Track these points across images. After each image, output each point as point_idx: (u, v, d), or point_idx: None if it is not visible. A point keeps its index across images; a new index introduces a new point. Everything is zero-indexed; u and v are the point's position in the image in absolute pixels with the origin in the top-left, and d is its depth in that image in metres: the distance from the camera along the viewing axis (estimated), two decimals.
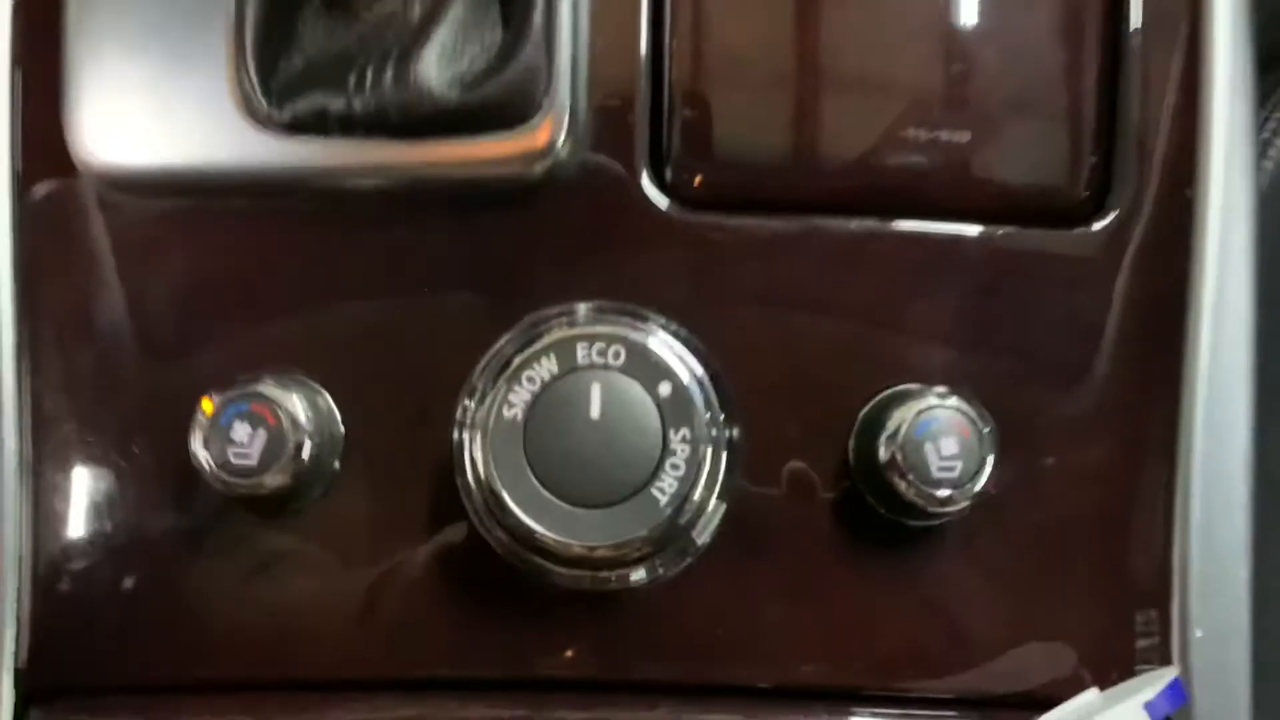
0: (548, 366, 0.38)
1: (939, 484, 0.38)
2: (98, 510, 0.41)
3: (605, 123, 0.41)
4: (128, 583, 0.41)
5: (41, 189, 0.42)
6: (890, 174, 0.41)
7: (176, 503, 0.41)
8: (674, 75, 0.41)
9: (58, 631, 0.41)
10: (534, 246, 0.41)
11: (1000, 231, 0.42)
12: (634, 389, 0.38)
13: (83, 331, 0.42)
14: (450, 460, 0.39)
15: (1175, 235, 0.42)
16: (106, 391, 0.41)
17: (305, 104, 0.39)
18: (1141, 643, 0.41)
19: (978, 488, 0.38)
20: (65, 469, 0.41)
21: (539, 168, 0.40)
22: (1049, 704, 0.39)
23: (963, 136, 0.41)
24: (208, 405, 0.39)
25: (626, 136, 0.41)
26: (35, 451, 0.41)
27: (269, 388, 0.39)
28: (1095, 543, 0.41)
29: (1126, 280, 0.42)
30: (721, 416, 0.39)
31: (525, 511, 0.37)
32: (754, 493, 0.40)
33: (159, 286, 0.42)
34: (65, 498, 0.41)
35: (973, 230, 0.42)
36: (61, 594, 0.41)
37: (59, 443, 0.41)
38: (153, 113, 0.40)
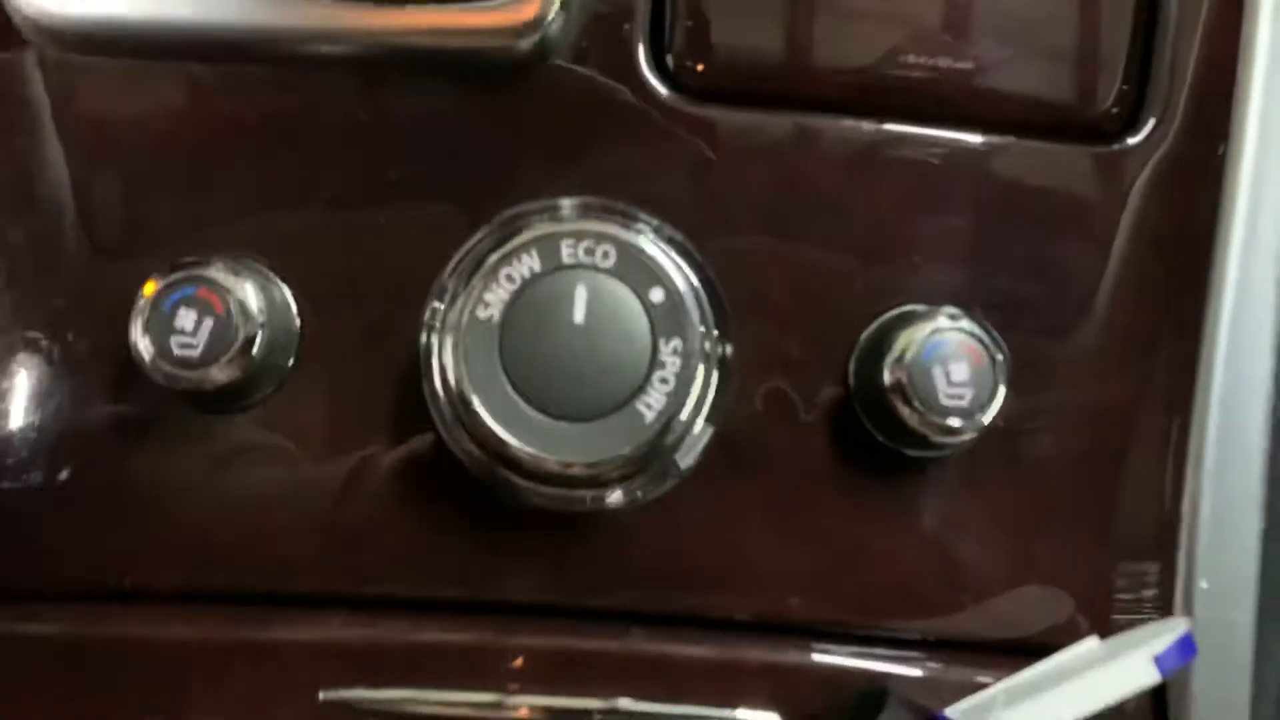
0: (529, 264, 0.34)
1: (947, 412, 0.35)
2: (29, 402, 0.38)
3: (604, 1, 0.37)
4: (60, 481, 0.38)
5: None
6: (905, 73, 0.38)
7: (115, 396, 0.38)
8: None
9: None
10: (517, 132, 0.37)
11: (1022, 144, 0.38)
12: (623, 293, 0.34)
13: (16, 204, 0.38)
14: (416, 365, 0.36)
15: (1207, 159, 0.39)
16: (40, 272, 0.38)
17: None
18: (1144, 592, 0.39)
19: (987, 418, 0.36)
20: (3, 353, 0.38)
21: (526, 43, 0.36)
22: (1044, 651, 0.37)
23: (986, 37, 0.38)
24: (149, 288, 0.35)
25: (626, 15, 0.37)
26: None
27: (218, 272, 0.35)
28: (1102, 484, 0.39)
29: (1152, 205, 0.39)
30: (715, 330, 0.35)
31: (497, 421, 0.34)
32: (743, 413, 0.37)
33: (101, 156, 0.38)
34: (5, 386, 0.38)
35: (994, 140, 0.38)
36: None
37: None
38: None
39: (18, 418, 0.38)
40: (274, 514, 0.37)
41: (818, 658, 0.38)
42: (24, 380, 0.38)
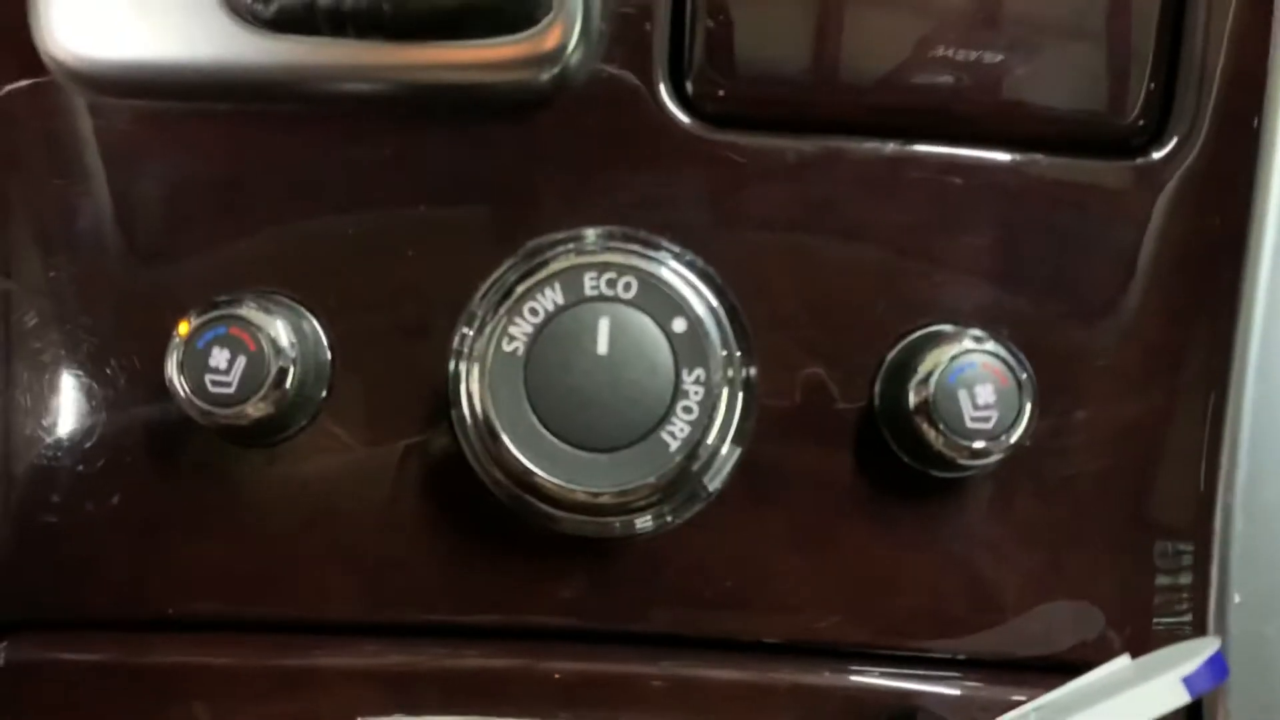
0: (552, 297, 0.35)
1: (973, 435, 0.35)
2: (71, 435, 0.39)
3: (621, 28, 0.37)
4: (102, 512, 0.39)
5: (8, 88, 0.38)
6: (928, 92, 0.38)
7: (154, 429, 0.38)
8: None
9: (29, 561, 0.39)
10: (540, 163, 0.38)
11: (1047, 160, 0.38)
12: (645, 324, 0.35)
13: (54, 245, 0.39)
14: (445, 392, 0.36)
15: (1235, 170, 0.39)
16: (79, 310, 0.39)
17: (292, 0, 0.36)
18: (1177, 607, 0.38)
19: (1014, 439, 0.36)
20: (36, 390, 0.39)
21: (547, 75, 0.37)
22: (1076, 668, 0.37)
23: (1007, 53, 0.38)
24: (183, 328, 0.36)
25: (644, 44, 0.37)
26: (5, 371, 0.39)
27: (250, 310, 0.36)
28: (1132, 500, 0.39)
29: (1180, 218, 0.38)
30: (738, 354, 0.36)
31: (524, 453, 0.35)
32: (770, 436, 0.37)
33: (134, 195, 0.38)
34: (36, 421, 0.39)
35: (1017, 157, 0.38)
36: (33, 523, 0.39)
37: (30, 361, 0.39)
38: (126, 5, 0.37)
39: (60, 451, 0.39)
40: (310, 543, 0.38)
41: (848, 679, 0.38)
42: (66, 414, 0.39)
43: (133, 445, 0.39)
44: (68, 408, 0.39)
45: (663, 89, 0.37)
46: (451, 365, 0.36)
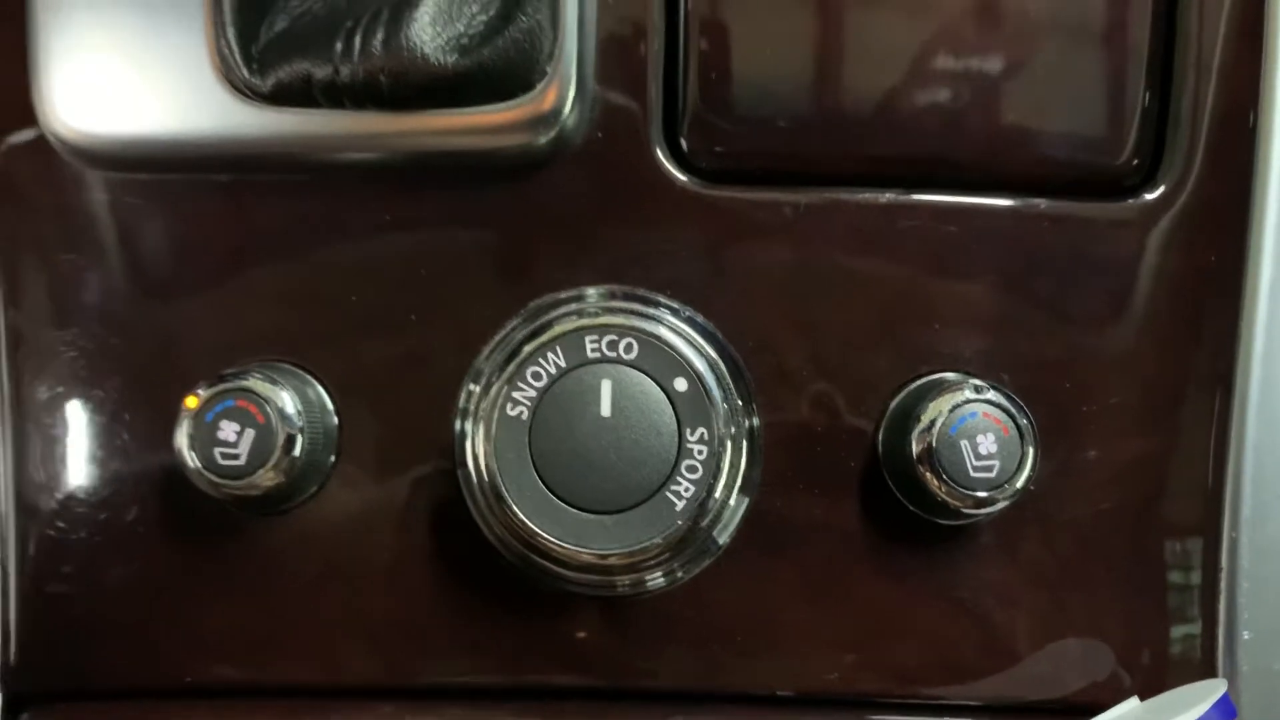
0: (554, 360, 0.35)
1: (976, 485, 0.36)
2: (84, 508, 0.39)
3: (615, 89, 0.38)
4: (116, 584, 0.39)
5: (8, 161, 0.39)
6: (922, 141, 0.38)
7: (165, 499, 0.39)
8: (690, 37, 0.37)
9: (46, 634, 0.39)
10: (539, 224, 0.38)
11: (1042, 204, 0.38)
12: (647, 384, 0.35)
13: (63, 318, 0.39)
14: (452, 454, 0.37)
15: (1230, 206, 0.39)
16: (89, 382, 0.39)
17: (288, 72, 0.36)
18: (1186, 645, 0.39)
19: (1017, 487, 0.36)
20: (48, 462, 0.39)
21: (544, 138, 0.37)
22: (1087, 710, 0.37)
23: (999, 99, 0.38)
24: (191, 402, 0.36)
25: (639, 104, 0.38)
26: (18, 447, 0.39)
27: (256, 381, 0.36)
28: (1138, 538, 0.39)
29: (1176, 256, 0.39)
30: (741, 407, 0.36)
31: (530, 516, 0.35)
32: (776, 488, 0.38)
33: (139, 267, 0.39)
34: (49, 493, 0.39)
35: (1012, 202, 0.38)
36: (49, 596, 0.39)
37: (42, 435, 0.39)
38: (125, 81, 0.37)
39: (72, 522, 0.39)
40: (323, 607, 0.39)
41: None
42: (77, 486, 0.39)
43: (144, 514, 0.39)
44: (79, 479, 0.39)
45: (657, 147, 0.38)
46: (457, 424, 0.37)
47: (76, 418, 0.39)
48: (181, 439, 0.36)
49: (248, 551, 0.39)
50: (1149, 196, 0.39)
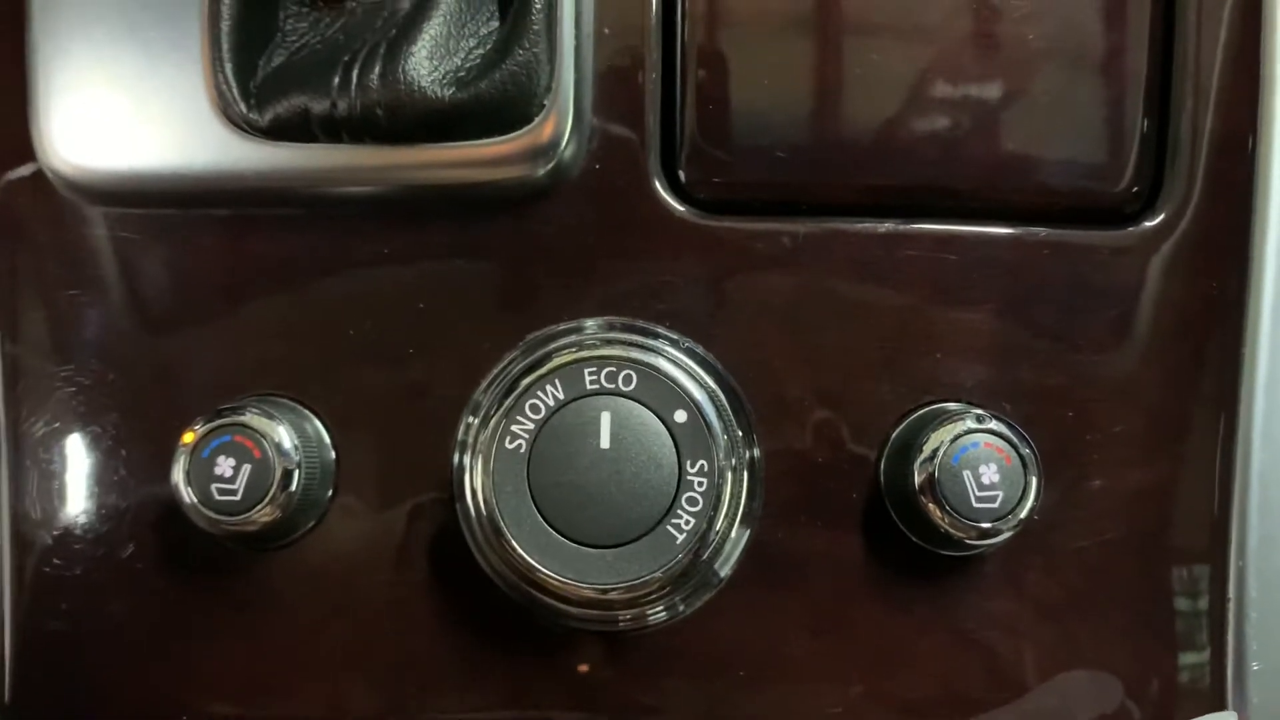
0: (553, 393, 0.35)
1: (979, 515, 0.35)
2: (81, 544, 0.39)
3: (613, 120, 0.38)
4: (113, 621, 0.39)
5: (7, 196, 0.39)
6: (920, 170, 0.38)
7: (163, 535, 0.39)
8: (687, 69, 0.37)
9: (42, 671, 0.39)
10: (537, 256, 0.38)
11: (1042, 232, 0.38)
12: (646, 416, 0.35)
13: (61, 352, 0.39)
14: (450, 488, 0.37)
15: (1230, 232, 0.39)
16: (86, 417, 0.39)
17: (286, 106, 0.36)
18: (1194, 677, 0.38)
19: (1020, 517, 0.35)
20: (45, 498, 0.39)
21: (542, 170, 0.37)
22: None
23: (998, 128, 0.38)
24: (188, 437, 0.36)
25: (636, 135, 0.38)
26: (14, 482, 0.39)
27: (253, 416, 0.36)
28: (1144, 569, 0.38)
29: (1178, 282, 0.39)
30: (741, 436, 0.36)
31: (529, 551, 0.35)
32: (778, 519, 0.37)
33: (137, 301, 0.39)
34: (46, 529, 0.39)
35: (1012, 231, 0.38)
36: (45, 633, 0.39)
37: (40, 470, 0.39)
38: (124, 117, 0.37)
39: (70, 559, 0.39)
40: (322, 643, 0.38)
41: None
42: (74, 522, 0.39)
43: (141, 550, 0.39)
44: (75, 515, 0.39)
45: (656, 179, 0.38)
46: (456, 458, 0.37)
47: (73, 452, 0.39)
48: (178, 475, 0.36)
49: (245, 587, 0.38)
50: (1149, 224, 0.38)
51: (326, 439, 0.38)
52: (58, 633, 0.39)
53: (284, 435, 0.36)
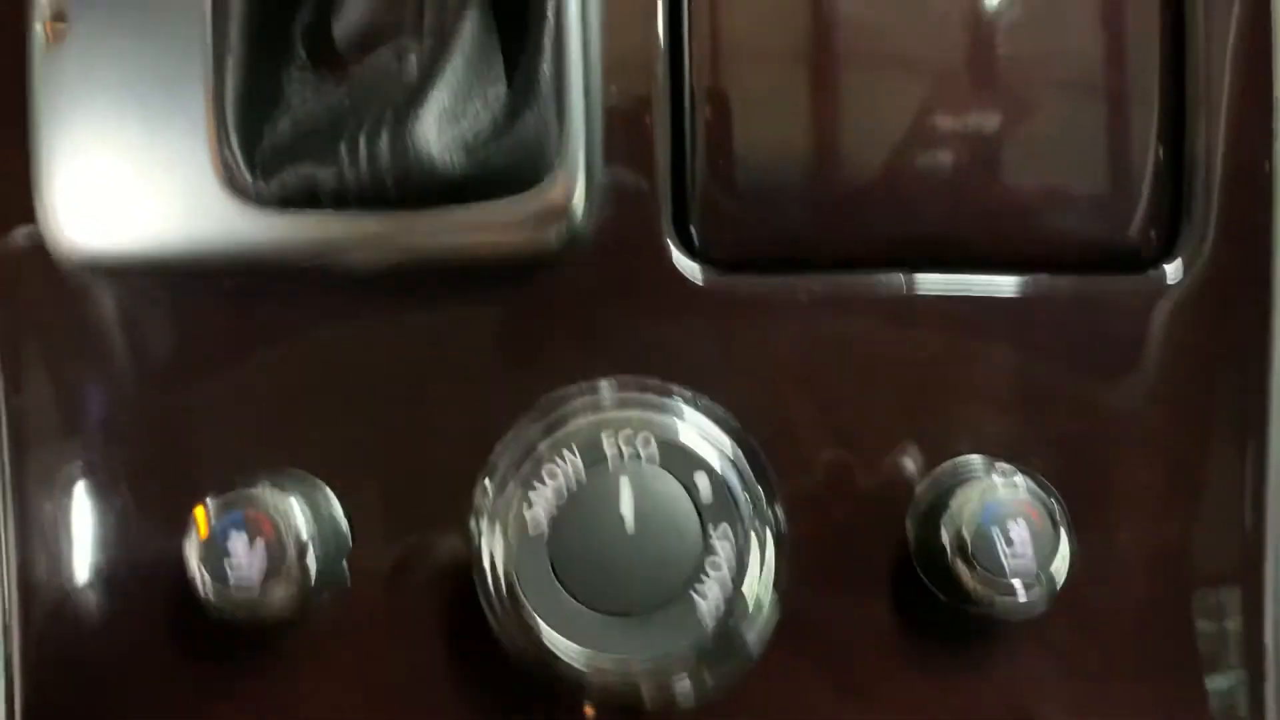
0: (570, 459, 0.34)
1: (1010, 573, 0.34)
2: (89, 620, 0.38)
3: (623, 180, 0.37)
4: (123, 698, 0.38)
5: (10, 267, 0.38)
6: (937, 222, 0.38)
7: (173, 611, 0.38)
8: (697, 131, 0.37)
9: None
10: (549, 320, 0.37)
11: (1059, 281, 0.38)
12: (667, 482, 0.34)
13: (64, 424, 0.38)
14: (467, 559, 0.36)
15: (1251, 273, 0.38)
16: (91, 493, 0.38)
17: (293, 176, 0.36)
18: None
19: (1051, 570, 0.35)
20: (52, 576, 0.38)
21: (554, 235, 0.36)
22: None
23: (1012, 177, 0.38)
24: (199, 515, 0.35)
25: (648, 195, 0.37)
26: (22, 558, 0.38)
27: (265, 491, 0.35)
28: (1177, 624, 0.38)
29: (1199, 327, 0.38)
30: (763, 498, 0.35)
31: (548, 620, 0.34)
32: (804, 583, 0.37)
33: (145, 375, 0.38)
34: (55, 610, 0.38)
35: (1029, 280, 0.38)
36: (53, 711, 0.38)
37: (47, 551, 0.38)
38: (128, 190, 0.37)
39: (77, 636, 0.38)
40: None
41: None
42: (83, 601, 0.38)
43: (151, 627, 0.38)
44: (85, 595, 0.38)
45: (668, 239, 0.37)
46: (473, 523, 0.36)
47: (80, 528, 0.38)
48: (191, 555, 0.35)
49: (260, 663, 0.38)
50: (1168, 267, 0.38)
51: (339, 509, 0.37)
52: (67, 709, 0.38)
53: (295, 508, 0.35)
